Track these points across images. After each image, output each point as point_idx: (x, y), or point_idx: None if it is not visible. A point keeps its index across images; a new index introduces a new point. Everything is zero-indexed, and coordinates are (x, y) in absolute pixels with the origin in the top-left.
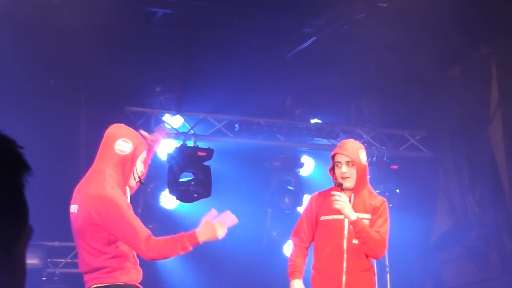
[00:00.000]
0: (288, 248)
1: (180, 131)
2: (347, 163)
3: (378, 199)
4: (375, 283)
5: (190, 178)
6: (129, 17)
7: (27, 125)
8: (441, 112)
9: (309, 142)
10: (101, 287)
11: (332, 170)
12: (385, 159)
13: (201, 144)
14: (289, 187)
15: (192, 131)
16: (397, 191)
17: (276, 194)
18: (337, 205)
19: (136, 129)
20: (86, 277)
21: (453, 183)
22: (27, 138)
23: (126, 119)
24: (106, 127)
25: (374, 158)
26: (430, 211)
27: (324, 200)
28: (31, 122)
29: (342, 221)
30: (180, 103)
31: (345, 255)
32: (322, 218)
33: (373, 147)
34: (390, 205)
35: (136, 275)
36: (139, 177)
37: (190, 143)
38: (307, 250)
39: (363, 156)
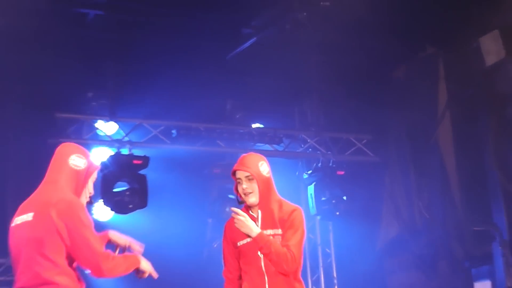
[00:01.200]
0: None
1: (114, 138)
2: (247, 178)
3: (287, 210)
4: None
5: (125, 188)
6: (60, 19)
7: None
8: (387, 115)
9: (251, 147)
10: None
11: (236, 188)
12: (331, 164)
13: (136, 152)
14: (231, 196)
15: (126, 138)
16: (344, 198)
17: (216, 203)
18: (236, 225)
19: (68, 135)
20: None
21: (399, 187)
22: None
23: (57, 126)
24: (36, 134)
25: (319, 164)
26: (377, 217)
27: (234, 225)
28: None
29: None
30: (114, 108)
31: (265, 277)
32: (238, 244)
33: (318, 152)
34: (337, 213)
35: None
36: (89, 197)
37: (125, 151)
38: (238, 279)
39: (263, 168)
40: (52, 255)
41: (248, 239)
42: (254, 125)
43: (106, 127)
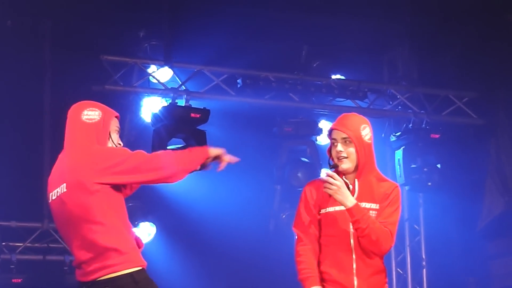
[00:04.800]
0: None
1: (169, 86)
2: (344, 140)
3: (389, 184)
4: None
5: (180, 146)
6: None
7: None
8: (496, 67)
9: (329, 103)
10: (112, 278)
11: (330, 150)
12: (424, 125)
13: (194, 104)
14: (303, 159)
15: (183, 87)
16: (438, 166)
17: (286, 167)
18: (327, 190)
19: (116, 82)
20: (87, 267)
21: (507, 157)
22: None
23: (103, 71)
24: (78, 79)
25: (410, 125)
26: (478, 191)
27: (321, 188)
28: None
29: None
30: (169, 51)
31: (353, 255)
32: (322, 211)
33: (410, 110)
34: (429, 184)
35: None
36: None
37: (181, 102)
38: (317, 241)
39: (365, 132)
40: (101, 218)
41: (338, 208)
42: (334, 76)
43: (160, 74)
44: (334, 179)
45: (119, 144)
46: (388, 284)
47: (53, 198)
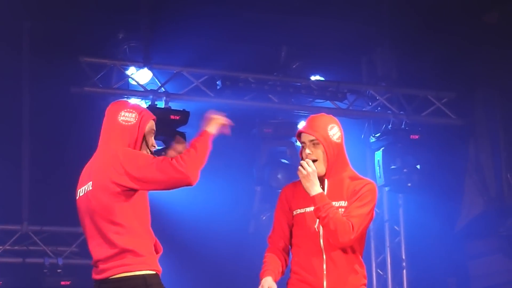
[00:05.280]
0: None
1: (149, 88)
2: (312, 142)
3: (361, 181)
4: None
5: (160, 148)
6: None
7: None
8: (474, 68)
9: (308, 104)
10: (125, 277)
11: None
12: (403, 126)
13: (174, 105)
14: (283, 160)
15: (163, 89)
16: (418, 166)
17: (266, 168)
18: (299, 173)
19: (95, 84)
20: (103, 265)
21: (486, 157)
22: None
23: (82, 72)
24: (57, 81)
25: (390, 126)
26: (457, 191)
27: (296, 190)
28: None
29: None
30: (148, 53)
31: (323, 255)
32: (295, 212)
33: (389, 111)
34: (409, 184)
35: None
36: (151, 151)
37: (161, 104)
38: (284, 250)
39: (333, 132)
40: (122, 220)
41: (308, 209)
42: (313, 78)
43: (139, 75)
44: (309, 165)
45: (153, 146)
46: (367, 286)
47: (80, 195)
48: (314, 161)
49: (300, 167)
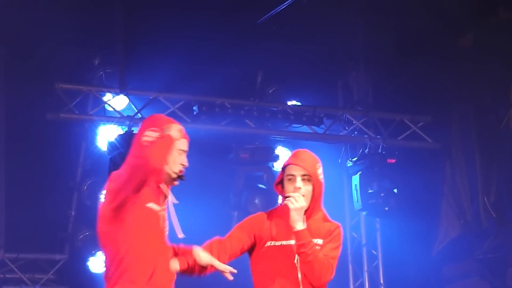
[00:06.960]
0: None
1: (125, 114)
2: (303, 177)
3: (332, 224)
4: None
5: None
6: None
7: None
8: (449, 92)
9: (285, 129)
10: None
11: (281, 184)
12: (380, 151)
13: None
14: (260, 185)
15: (139, 115)
16: (395, 190)
17: (243, 194)
18: (289, 203)
19: (71, 110)
20: (105, 279)
21: (462, 180)
22: None
23: (57, 99)
24: (32, 108)
25: (367, 150)
26: (434, 215)
27: (273, 222)
28: None
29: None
30: (124, 79)
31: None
32: (269, 243)
33: (365, 136)
34: (386, 208)
35: None
36: (177, 171)
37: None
38: (225, 251)
39: (320, 171)
40: (118, 238)
41: (285, 242)
42: (289, 102)
43: (115, 102)
44: (300, 200)
45: (182, 164)
46: None
47: (101, 200)
48: (302, 196)
49: (291, 199)
